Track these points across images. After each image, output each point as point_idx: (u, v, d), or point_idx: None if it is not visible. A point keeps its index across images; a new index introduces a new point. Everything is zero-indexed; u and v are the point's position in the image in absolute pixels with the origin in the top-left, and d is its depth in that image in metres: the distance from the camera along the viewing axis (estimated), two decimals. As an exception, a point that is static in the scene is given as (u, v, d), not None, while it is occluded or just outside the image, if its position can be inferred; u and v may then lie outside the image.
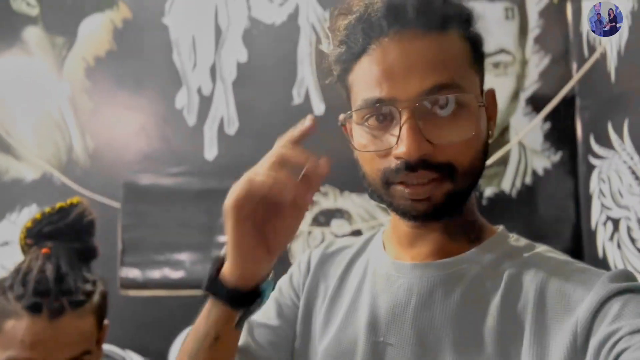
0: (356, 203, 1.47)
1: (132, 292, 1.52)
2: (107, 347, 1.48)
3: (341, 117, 0.60)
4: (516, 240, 0.60)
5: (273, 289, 0.58)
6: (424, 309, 0.56)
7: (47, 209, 0.81)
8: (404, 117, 0.51)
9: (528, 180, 1.46)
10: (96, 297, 0.78)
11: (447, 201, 0.54)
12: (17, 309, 0.71)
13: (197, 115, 1.55)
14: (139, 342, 1.50)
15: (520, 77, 1.47)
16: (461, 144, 0.53)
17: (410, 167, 0.52)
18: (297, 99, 1.53)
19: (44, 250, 0.78)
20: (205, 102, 1.55)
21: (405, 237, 0.60)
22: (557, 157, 1.45)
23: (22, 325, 0.70)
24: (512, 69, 1.47)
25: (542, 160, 1.46)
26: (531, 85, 1.46)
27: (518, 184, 1.46)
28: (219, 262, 0.56)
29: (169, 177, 1.55)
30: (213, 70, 1.56)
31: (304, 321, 0.65)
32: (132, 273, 1.53)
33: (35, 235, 0.80)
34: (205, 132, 1.55)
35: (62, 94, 1.59)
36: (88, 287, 0.76)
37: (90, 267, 0.85)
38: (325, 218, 1.49)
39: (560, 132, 1.45)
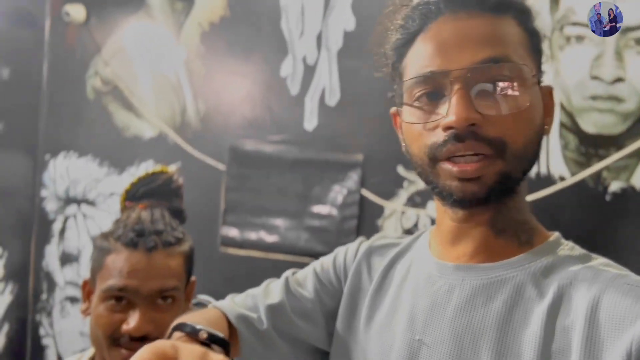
0: (457, 186, 1.39)
1: (231, 250, 1.61)
2: (204, 297, 1.60)
3: (392, 109, 0.60)
4: (571, 249, 0.57)
5: None
6: (463, 311, 0.55)
7: (142, 174, 0.90)
8: (455, 87, 0.51)
9: (665, 177, 1.26)
10: (185, 245, 0.85)
11: (499, 183, 0.52)
12: (117, 247, 0.80)
13: (300, 84, 1.55)
14: (233, 298, 1.59)
15: (669, 57, 1.25)
16: (513, 120, 0.51)
17: (459, 137, 0.51)
18: (403, 72, 1.45)
19: (140, 205, 0.86)
20: (309, 72, 1.54)
21: (449, 233, 0.59)
22: None
23: (121, 257, 0.79)
24: (659, 46, 1.25)
25: (686, 156, 1.24)
26: (682, 66, 1.23)
27: (652, 180, 1.27)
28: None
29: (270, 144, 1.58)
30: (319, 39, 1.54)
31: (348, 309, 0.66)
32: (232, 232, 1.61)
33: (132, 196, 0.88)
34: (306, 102, 1.54)
35: (179, 58, 1.68)
36: (178, 234, 0.83)
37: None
38: (421, 199, 1.43)
39: None
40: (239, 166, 1.61)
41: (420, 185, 1.44)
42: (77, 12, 1.72)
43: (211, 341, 0.50)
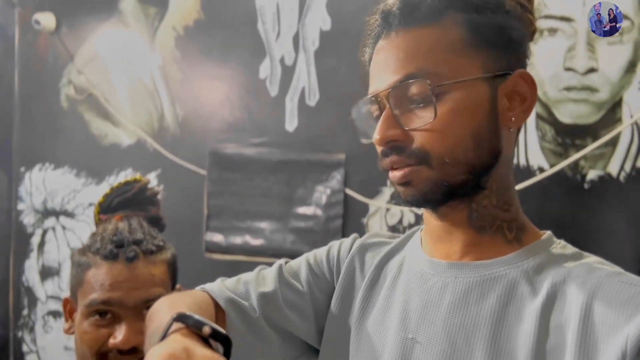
0: (439, 181, 1.40)
1: (216, 256, 1.59)
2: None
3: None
4: (563, 247, 0.57)
5: None
6: (456, 309, 0.55)
7: (114, 184, 0.88)
8: (383, 108, 0.56)
9: (640, 163, 1.29)
10: (167, 253, 0.83)
11: (433, 188, 0.55)
12: (96, 260, 0.79)
13: (279, 85, 1.54)
14: (220, 304, 1.58)
15: (639, 46, 1.28)
16: (434, 129, 0.54)
17: (384, 153, 0.57)
18: (381, 70, 1.46)
19: (117, 217, 0.84)
20: (288, 72, 1.54)
21: (434, 232, 0.61)
22: (678, 138, 1.26)
23: (101, 271, 0.78)
24: (628, 36, 1.28)
25: (659, 142, 1.28)
26: (652, 55, 1.27)
27: (628, 167, 1.30)
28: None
29: (251, 147, 1.57)
30: (296, 40, 1.53)
31: (340, 305, 0.66)
32: (216, 238, 1.59)
33: (106, 208, 0.86)
34: (286, 103, 1.54)
35: (155, 64, 1.65)
36: (158, 242, 0.82)
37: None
38: (405, 195, 1.44)
39: (684, 110, 1.25)
40: (221, 170, 1.59)
41: (403, 181, 1.45)
42: (47, 21, 1.69)
43: (213, 337, 0.48)
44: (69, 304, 0.83)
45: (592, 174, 1.32)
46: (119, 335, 0.75)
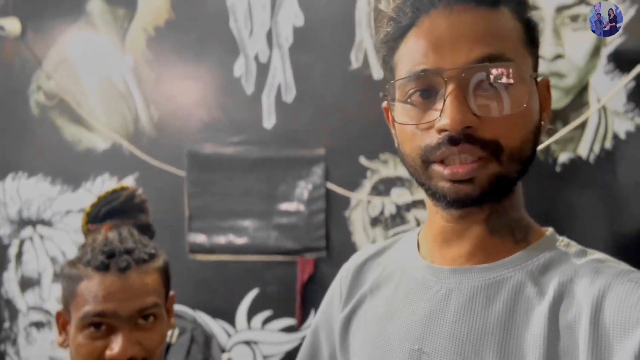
0: (417, 171, 1.42)
1: (200, 257, 1.59)
2: (178, 307, 1.57)
3: (384, 104, 0.58)
4: (566, 245, 0.55)
5: None
6: (463, 315, 0.52)
7: (101, 193, 0.86)
8: (450, 88, 0.48)
9: (608, 144, 1.34)
10: (159, 260, 0.82)
11: (493, 185, 0.50)
12: (88, 272, 0.77)
13: (254, 83, 1.54)
14: (207, 304, 1.58)
15: (603, 31, 1.32)
16: (509, 121, 0.49)
17: (453, 140, 0.48)
18: (355, 63, 1.47)
19: (105, 226, 0.83)
20: (263, 70, 1.54)
21: (441, 235, 0.57)
22: (642, 119, 1.32)
23: (94, 283, 0.76)
24: (593, 22, 1.32)
25: (625, 123, 1.33)
26: (614, 39, 1.31)
27: (597, 148, 1.35)
28: None
29: (229, 146, 1.57)
30: (269, 36, 1.53)
31: (342, 337, 0.65)
32: (199, 239, 1.59)
33: (94, 218, 0.85)
34: (263, 101, 1.54)
35: (126, 65, 1.63)
36: (150, 249, 0.81)
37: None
38: (385, 187, 1.46)
39: (647, 92, 1.30)
40: (200, 171, 1.59)
41: (383, 173, 1.47)
42: (11, 26, 1.64)
43: None
44: (62, 316, 0.82)
45: (563, 157, 1.37)
46: (115, 347, 0.74)
